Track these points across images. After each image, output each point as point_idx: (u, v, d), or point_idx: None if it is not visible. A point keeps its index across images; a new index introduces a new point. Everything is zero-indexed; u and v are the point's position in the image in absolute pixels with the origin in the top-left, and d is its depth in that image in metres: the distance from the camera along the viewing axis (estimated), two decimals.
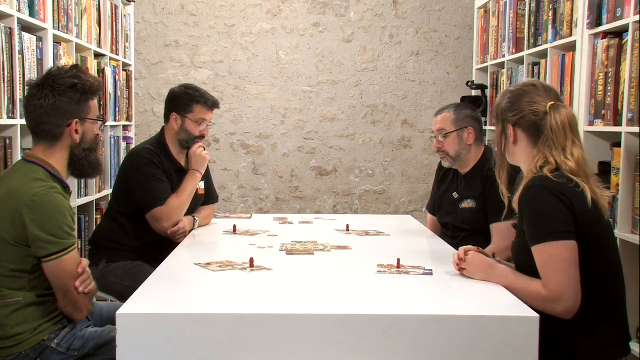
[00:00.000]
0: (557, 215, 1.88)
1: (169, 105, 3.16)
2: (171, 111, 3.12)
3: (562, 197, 1.88)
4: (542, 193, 1.90)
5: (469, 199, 2.97)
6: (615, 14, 2.70)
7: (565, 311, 1.85)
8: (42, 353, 2.04)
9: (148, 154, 3.03)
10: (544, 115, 2.00)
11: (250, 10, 5.00)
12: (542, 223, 1.89)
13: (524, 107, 2.04)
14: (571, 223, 1.88)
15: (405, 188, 5.14)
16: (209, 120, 3.17)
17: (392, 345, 1.70)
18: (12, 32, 2.63)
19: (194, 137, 3.12)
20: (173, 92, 3.18)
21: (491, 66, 4.33)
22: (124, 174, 3.12)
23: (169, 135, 3.13)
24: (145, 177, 2.97)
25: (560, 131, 1.97)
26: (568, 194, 1.89)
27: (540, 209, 1.90)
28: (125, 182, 3.07)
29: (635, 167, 2.58)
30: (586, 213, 1.89)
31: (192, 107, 3.09)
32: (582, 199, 1.89)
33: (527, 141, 2.05)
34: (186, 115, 3.09)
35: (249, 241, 2.77)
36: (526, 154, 2.05)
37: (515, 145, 2.08)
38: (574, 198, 1.89)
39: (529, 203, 1.93)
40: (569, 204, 1.88)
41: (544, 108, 2.01)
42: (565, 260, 1.85)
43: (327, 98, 5.07)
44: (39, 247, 1.99)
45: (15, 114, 2.67)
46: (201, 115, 3.11)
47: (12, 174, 2.13)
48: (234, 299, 1.92)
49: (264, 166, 5.09)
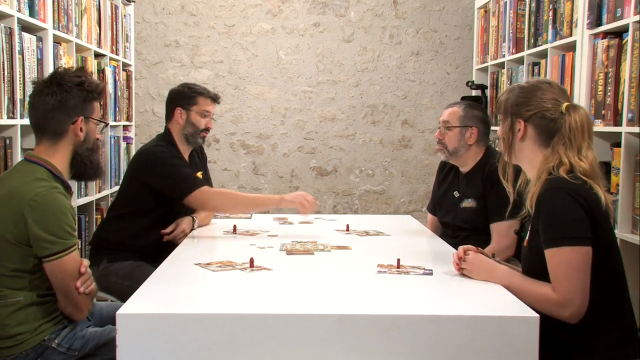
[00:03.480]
0: (574, 219, 1.86)
1: (171, 102, 3.19)
2: (174, 107, 3.15)
3: (580, 200, 1.86)
4: (561, 195, 1.88)
5: (470, 199, 2.97)
6: (615, 14, 2.70)
7: (572, 316, 1.84)
8: (42, 353, 2.05)
9: (164, 148, 3.07)
10: (559, 115, 1.98)
11: (250, 10, 5.00)
12: (557, 227, 1.87)
13: (539, 103, 2.01)
14: (588, 227, 1.86)
15: (405, 188, 5.14)
16: (212, 114, 3.22)
17: (392, 345, 1.70)
18: (12, 32, 2.63)
19: (200, 130, 3.15)
20: (174, 90, 3.23)
21: (491, 66, 4.33)
22: (136, 172, 3.09)
23: (175, 132, 3.15)
24: (172, 166, 3.00)
25: (578, 131, 1.95)
26: (586, 196, 1.88)
27: (557, 212, 1.88)
28: (135, 179, 3.06)
29: (635, 167, 2.58)
30: (601, 215, 1.89)
31: (195, 99, 3.14)
32: (597, 201, 1.89)
33: (535, 139, 2.02)
34: (190, 108, 3.13)
35: (249, 241, 2.77)
36: (532, 152, 2.03)
37: (522, 141, 2.04)
38: (591, 200, 1.88)
39: (547, 205, 1.90)
40: (587, 207, 1.86)
41: (559, 107, 1.99)
42: (577, 265, 1.84)
43: (327, 98, 5.07)
44: (40, 247, 1.99)
45: (15, 114, 2.67)
46: (205, 107, 3.16)
47: (13, 173, 2.13)
48: (234, 299, 1.92)
49: (264, 166, 5.09)
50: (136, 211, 3.02)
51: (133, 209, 3.03)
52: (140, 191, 3.03)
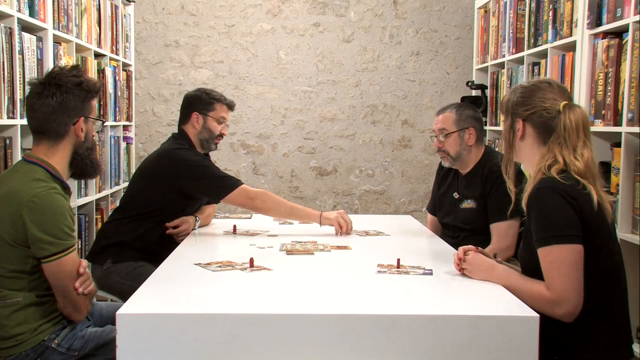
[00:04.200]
0: (564, 218, 1.87)
1: (188, 106, 3.17)
2: (192, 111, 3.14)
3: (569, 200, 1.87)
4: (550, 195, 1.89)
5: (469, 199, 2.97)
6: (615, 14, 2.70)
7: (567, 314, 1.85)
8: (42, 353, 2.04)
9: (189, 151, 3.07)
10: (556, 114, 1.99)
11: (250, 10, 5.00)
12: (548, 225, 1.88)
13: (537, 102, 2.02)
14: (578, 226, 1.87)
15: (405, 188, 5.14)
16: (227, 120, 3.23)
17: (392, 345, 1.70)
18: (12, 32, 2.63)
19: (215, 136, 3.17)
20: (191, 95, 3.21)
21: (491, 66, 4.33)
22: (163, 175, 3.00)
23: (191, 135, 3.15)
24: (202, 167, 3.01)
25: (573, 131, 1.96)
26: (576, 195, 1.88)
27: (547, 211, 1.89)
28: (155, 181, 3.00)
29: (635, 167, 2.58)
30: (592, 215, 1.89)
31: (213, 106, 3.15)
32: (588, 201, 1.89)
33: (535, 138, 2.03)
34: (208, 113, 3.14)
35: (249, 241, 2.77)
36: (532, 151, 2.04)
37: (522, 140, 2.06)
38: (581, 200, 1.88)
39: (536, 205, 1.92)
40: (576, 206, 1.87)
41: (557, 106, 2.00)
42: (569, 263, 1.85)
43: (327, 98, 5.07)
44: (39, 248, 1.99)
45: (15, 114, 2.67)
46: (222, 114, 3.18)
47: (12, 174, 2.13)
48: (234, 299, 1.92)
49: (264, 166, 5.09)
50: (146, 212, 3.01)
51: (142, 210, 3.01)
52: (159, 193, 2.99)
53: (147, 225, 3.01)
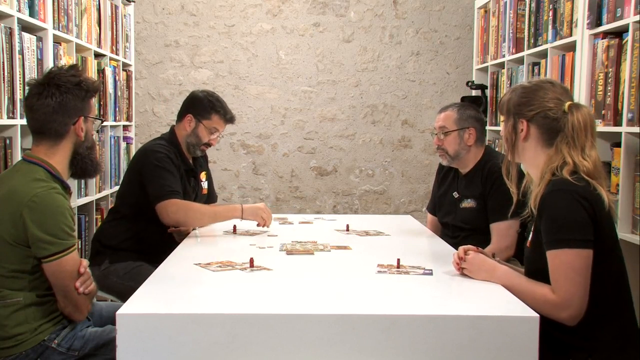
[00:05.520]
0: (576, 221, 1.85)
1: (187, 106, 3.15)
2: (188, 112, 3.12)
3: (583, 202, 1.86)
4: (564, 197, 1.87)
5: (469, 199, 2.98)
6: (615, 14, 2.70)
7: (570, 318, 1.84)
8: (42, 353, 2.04)
9: (162, 148, 3.02)
10: (562, 114, 1.97)
11: (250, 10, 5.00)
12: (560, 228, 1.86)
13: (542, 103, 2.00)
14: (590, 230, 1.85)
15: (405, 188, 5.14)
16: (221, 132, 3.19)
17: (392, 345, 1.70)
18: (12, 32, 2.63)
19: (202, 144, 3.13)
20: (196, 95, 3.17)
21: (491, 66, 4.33)
22: (134, 170, 3.05)
23: (180, 135, 3.13)
24: (160, 169, 2.93)
25: (581, 131, 1.94)
26: (589, 197, 1.87)
27: (560, 213, 1.87)
28: (134, 178, 3.02)
29: (635, 167, 2.58)
30: (603, 216, 1.88)
31: (210, 115, 3.10)
32: (600, 202, 1.88)
33: (539, 139, 2.01)
34: (202, 120, 3.10)
35: (249, 241, 2.77)
36: (535, 151, 2.02)
37: (526, 141, 2.03)
38: (593, 202, 1.87)
39: (549, 206, 1.89)
40: (590, 209, 1.86)
41: (561, 106, 1.98)
42: (577, 268, 1.84)
43: (327, 98, 5.07)
44: (39, 248, 1.99)
45: (15, 114, 2.67)
46: (216, 125, 3.13)
47: (12, 174, 2.13)
48: (234, 299, 1.92)
49: (264, 166, 5.09)
50: (138, 211, 3.01)
51: (134, 209, 3.02)
52: (142, 190, 2.98)
53: (140, 224, 3.01)
